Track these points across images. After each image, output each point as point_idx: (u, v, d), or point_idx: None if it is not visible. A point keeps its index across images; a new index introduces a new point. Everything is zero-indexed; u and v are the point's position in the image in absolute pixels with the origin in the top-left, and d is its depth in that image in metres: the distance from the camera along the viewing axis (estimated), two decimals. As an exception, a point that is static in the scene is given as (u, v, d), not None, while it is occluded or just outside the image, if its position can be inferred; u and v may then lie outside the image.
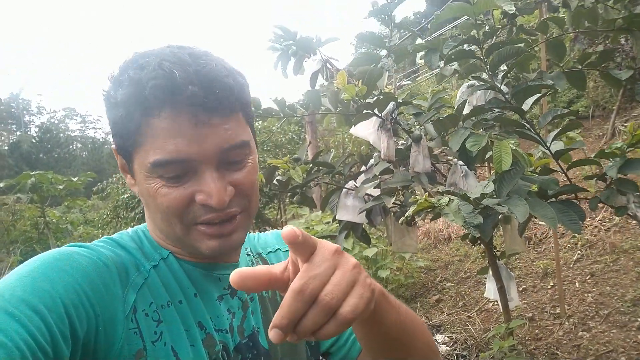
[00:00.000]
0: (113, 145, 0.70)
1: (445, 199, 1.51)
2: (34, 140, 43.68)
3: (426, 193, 1.72)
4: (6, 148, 47.07)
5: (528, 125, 1.88)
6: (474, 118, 2.05)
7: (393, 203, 2.37)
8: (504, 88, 1.89)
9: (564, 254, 4.03)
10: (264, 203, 6.89)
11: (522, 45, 1.81)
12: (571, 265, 3.84)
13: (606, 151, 1.72)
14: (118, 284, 0.63)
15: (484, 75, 1.91)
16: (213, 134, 0.62)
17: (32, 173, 7.48)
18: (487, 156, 2.01)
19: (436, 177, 2.21)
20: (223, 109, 0.62)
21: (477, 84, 2.12)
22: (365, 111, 2.12)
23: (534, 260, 4.16)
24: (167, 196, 0.63)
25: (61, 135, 50.23)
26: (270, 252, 0.90)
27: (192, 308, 0.68)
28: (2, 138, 58.68)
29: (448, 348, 2.82)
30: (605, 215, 4.28)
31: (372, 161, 2.49)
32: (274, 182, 2.41)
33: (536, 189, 1.90)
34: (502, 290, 2.63)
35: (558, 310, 3.26)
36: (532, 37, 2.57)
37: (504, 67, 2.13)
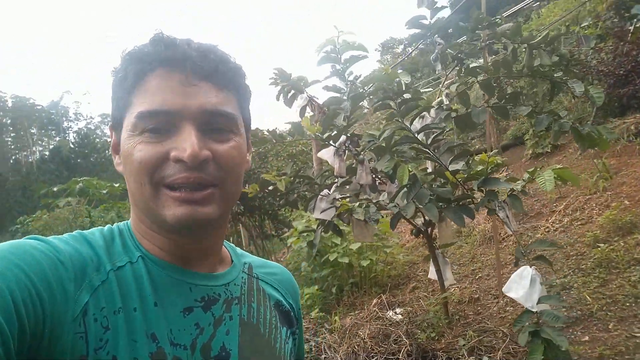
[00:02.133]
0: (110, 124, 0.71)
1: (357, 204, 2.42)
2: (72, 146, 46.02)
3: (344, 199, 2.62)
4: (47, 153, 49.85)
5: (432, 154, 2.75)
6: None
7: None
8: (413, 127, 2.77)
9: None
10: (278, 206, 7.83)
11: (418, 101, 2.69)
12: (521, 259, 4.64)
13: (471, 173, 2.59)
14: (72, 283, 0.59)
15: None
16: (200, 95, 0.63)
17: (79, 179, 8.68)
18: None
19: (377, 187, 3.09)
20: (216, 78, 0.65)
21: (428, 115, 3.04)
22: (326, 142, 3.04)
23: (493, 254, 4.98)
24: (143, 151, 0.62)
25: (97, 140, 52.52)
26: (266, 279, 0.86)
27: (147, 318, 0.63)
28: (43, 143, 62.03)
29: (402, 317, 3.70)
30: (557, 217, 5.07)
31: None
32: (266, 190, 3.35)
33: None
34: (439, 272, 3.49)
35: (498, 292, 4.10)
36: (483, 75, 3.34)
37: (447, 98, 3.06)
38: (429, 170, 3.21)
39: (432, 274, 3.64)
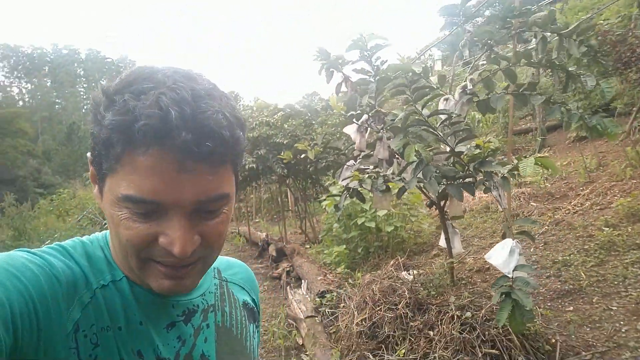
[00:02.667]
0: (89, 154, 0.66)
1: (366, 175, 2.87)
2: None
3: (356, 171, 3.07)
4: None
5: (440, 135, 3.13)
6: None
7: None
8: (425, 111, 3.15)
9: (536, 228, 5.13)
10: (324, 168, 8.31)
11: (429, 88, 3.06)
12: (536, 236, 4.95)
13: (469, 156, 2.96)
14: (65, 299, 0.61)
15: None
16: (194, 183, 0.59)
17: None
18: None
19: (393, 161, 3.51)
20: (212, 160, 0.60)
21: (452, 97, 3.41)
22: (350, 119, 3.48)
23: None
24: (130, 230, 0.60)
25: (162, 95, 54.64)
26: (233, 280, 0.92)
27: (133, 336, 0.66)
28: (112, 96, 65.34)
29: (412, 277, 4.17)
30: (579, 200, 5.29)
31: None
32: (300, 156, 3.85)
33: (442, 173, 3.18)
34: (448, 240, 3.91)
35: (506, 264, 4.46)
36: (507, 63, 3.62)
37: (469, 85, 3.41)
38: (448, 150, 3.59)
39: (442, 242, 4.06)
